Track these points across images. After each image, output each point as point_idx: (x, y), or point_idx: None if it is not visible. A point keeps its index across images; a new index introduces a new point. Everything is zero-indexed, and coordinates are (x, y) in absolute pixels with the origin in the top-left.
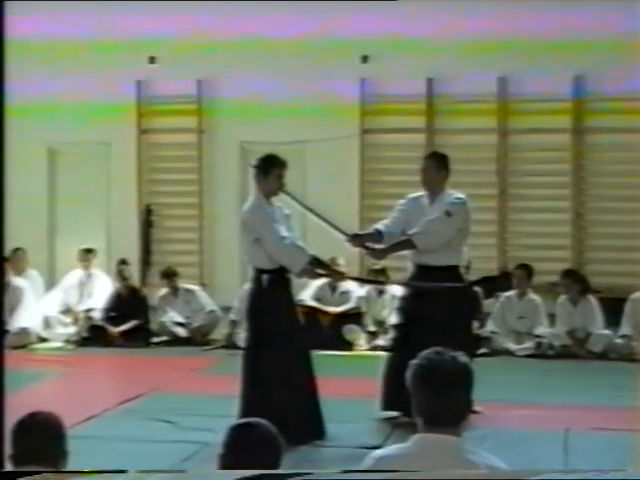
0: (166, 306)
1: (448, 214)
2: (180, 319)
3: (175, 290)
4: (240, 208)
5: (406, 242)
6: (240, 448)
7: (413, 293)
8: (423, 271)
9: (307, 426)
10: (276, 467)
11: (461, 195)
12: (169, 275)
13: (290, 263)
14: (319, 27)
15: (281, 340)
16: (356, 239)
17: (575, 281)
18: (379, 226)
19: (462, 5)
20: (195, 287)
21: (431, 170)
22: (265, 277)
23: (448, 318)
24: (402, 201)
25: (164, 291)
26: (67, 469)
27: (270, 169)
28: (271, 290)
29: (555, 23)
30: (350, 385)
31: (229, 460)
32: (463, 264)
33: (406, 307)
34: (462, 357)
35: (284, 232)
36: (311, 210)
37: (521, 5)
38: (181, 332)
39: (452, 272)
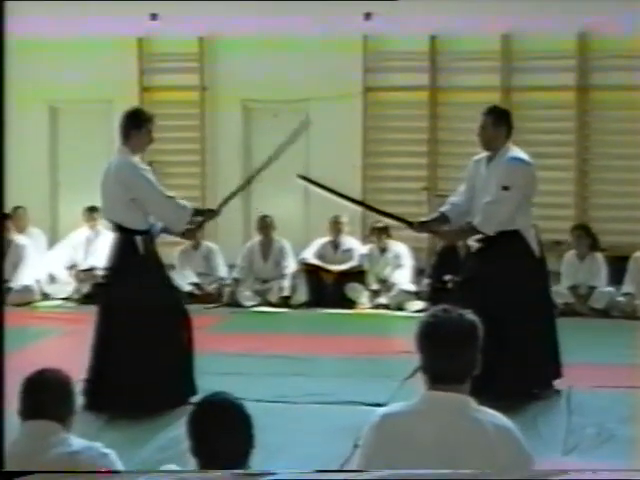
0: (185, 261)
1: (505, 188)
2: (194, 278)
3: (197, 244)
4: (244, 166)
5: (472, 230)
6: (204, 427)
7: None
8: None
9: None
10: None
11: (520, 155)
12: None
13: (174, 222)
14: None
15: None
16: (422, 227)
17: (586, 235)
18: (445, 208)
19: None
20: (215, 246)
21: (488, 128)
22: (139, 238)
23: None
24: (468, 166)
25: (184, 245)
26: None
27: (143, 123)
28: (144, 252)
29: None
30: (353, 343)
31: (197, 443)
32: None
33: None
34: (469, 315)
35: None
36: (354, 200)
37: None
38: (184, 287)
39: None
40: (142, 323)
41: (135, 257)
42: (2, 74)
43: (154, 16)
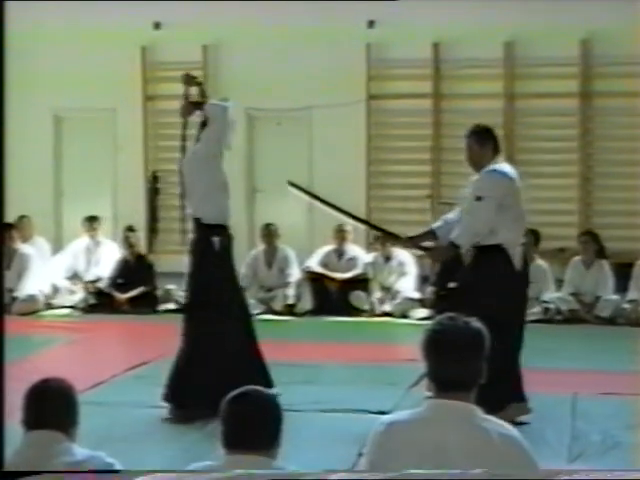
0: None
1: (478, 199)
2: None
3: None
4: (247, 173)
5: (451, 246)
6: (235, 418)
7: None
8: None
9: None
10: (278, 434)
11: (497, 167)
12: None
13: None
14: None
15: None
16: (409, 241)
17: (593, 241)
18: (436, 224)
19: None
20: None
21: (473, 148)
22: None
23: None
24: (467, 185)
25: None
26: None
27: None
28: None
29: None
30: (358, 351)
31: (230, 429)
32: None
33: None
34: (475, 323)
35: None
36: (350, 214)
37: None
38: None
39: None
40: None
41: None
42: (2, 74)
43: (157, 25)
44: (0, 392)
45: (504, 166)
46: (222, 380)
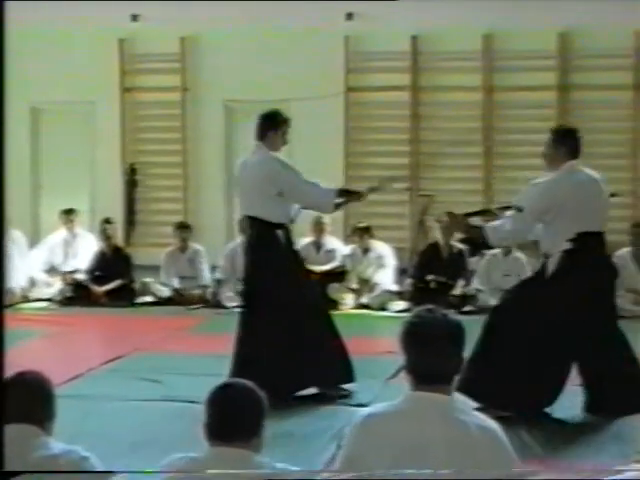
0: (171, 264)
1: (519, 210)
2: (176, 284)
3: (184, 247)
4: (226, 166)
5: (481, 230)
6: (220, 409)
7: None
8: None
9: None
10: (259, 426)
11: (545, 178)
12: (183, 228)
13: (322, 207)
14: None
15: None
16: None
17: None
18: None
19: None
20: (202, 248)
21: (548, 145)
22: (279, 232)
23: None
24: None
25: (172, 247)
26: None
27: (278, 125)
28: (284, 245)
29: None
30: None
31: (212, 421)
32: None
33: None
34: (453, 315)
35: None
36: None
37: None
38: (164, 292)
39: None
40: (286, 315)
41: (277, 250)
42: (2, 74)
43: (135, 17)
44: (0, 392)
45: (560, 176)
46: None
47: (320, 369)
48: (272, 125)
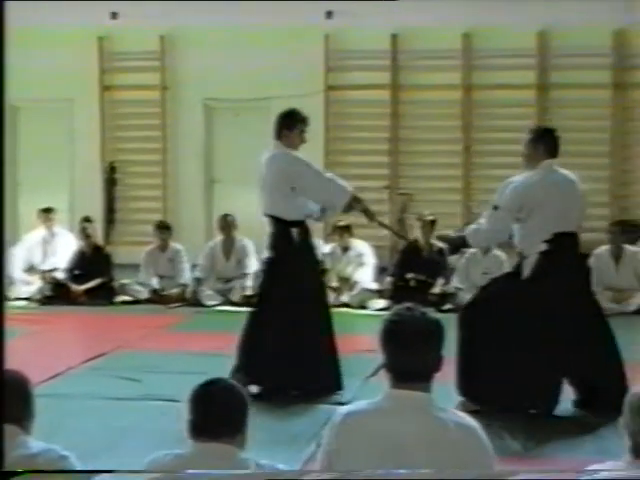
0: (150, 263)
1: (495, 207)
2: (156, 285)
3: (165, 246)
4: (205, 165)
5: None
6: (206, 406)
7: None
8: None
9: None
10: (243, 423)
11: (521, 177)
12: (163, 227)
13: (336, 200)
14: None
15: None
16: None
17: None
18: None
19: None
20: (182, 247)
21: (526, 144)
22: (294, 230)
23: None
24: None
25: (151, 246)
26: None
27: (295, 124)
28: (299, 242)
29: None
30: None
31: (197, 418)
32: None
33: None
34: (433, 313)
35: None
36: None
37: None
38: (142, 294)
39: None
40: (297, 312)
41: (291, 248)
42: (2, 74)
43: (114, 15)
44: (0, 391)
45: (536, 175)
46: (285, 370)
47: (319, 370)
48: (288, 124)
